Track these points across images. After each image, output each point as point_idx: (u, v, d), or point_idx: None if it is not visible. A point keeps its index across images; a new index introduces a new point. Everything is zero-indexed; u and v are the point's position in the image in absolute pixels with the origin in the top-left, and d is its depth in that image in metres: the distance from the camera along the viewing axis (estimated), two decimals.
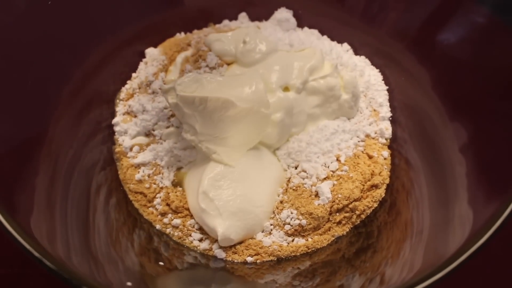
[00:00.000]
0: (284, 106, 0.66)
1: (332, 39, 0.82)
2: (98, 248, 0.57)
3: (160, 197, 0.67)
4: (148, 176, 0.68)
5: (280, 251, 0.64)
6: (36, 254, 0.44)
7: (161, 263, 0.61)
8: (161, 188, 0.68)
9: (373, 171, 0.68)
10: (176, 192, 0.67)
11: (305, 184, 0.66)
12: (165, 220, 0.66)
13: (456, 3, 0.68)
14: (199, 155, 0.67)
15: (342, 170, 0.67)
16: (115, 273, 0.56)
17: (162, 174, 0.68)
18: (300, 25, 0.84)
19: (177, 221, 0.65)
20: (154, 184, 0.68)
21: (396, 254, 0.60)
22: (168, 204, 0.66)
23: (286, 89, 0.69)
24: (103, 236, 0.60)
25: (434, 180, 0.64)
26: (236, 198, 0.62)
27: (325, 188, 0.64)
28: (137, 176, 0.68)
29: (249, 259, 0.63)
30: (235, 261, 0.63)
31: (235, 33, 0.76)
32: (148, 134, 0.72)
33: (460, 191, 0.58)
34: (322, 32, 0.83)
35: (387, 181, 0.69)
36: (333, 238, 0.65)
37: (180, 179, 0.68)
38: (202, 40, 0.77)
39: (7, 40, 0.60)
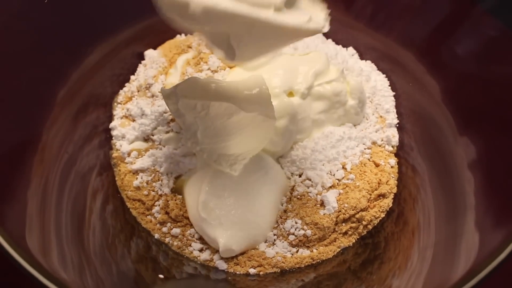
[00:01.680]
0: (289, 112, 0.64)
1: (337, 42, 0.81)
2: (92, 249, 0.56)
3: (159, 205, 0.65)
4: (147, 182, 0.66)
5: (284, 263, 0.62)
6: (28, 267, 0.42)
7: (160, 276, 0.59)
8: (160, 195, 0.65)
9: (380, 179, 0.66)
10: (175, 200, 0.65)
11: (310, 192, 0.64)
12: (164, 229, 0.64)
13: (466, 15, 0.66)
14: (200, 163, 0.65)
15: (348, 179, 0.65)
16: (108, 276, 0.55)
17: (161, 181, 0.66)
18: None
19: (176, 230, 0.63)
20: (153, 191, 0.65)
21: (404, 265, 0.58)
22: (167, 213, 0.64)
23: (290, 94, 0.66)
24: (98, 238, 0.59)
25: (441, 190, 0.62)
26: (238, 207, 0.61)
27: (331, 197, 0.62)
28: (135, 182, 0.66)
29: (251, 270, 0.61)
30: (237, 272, 0.61)
31: None
32: (147, 139, 0.69)
33: (468, 207, 0.56)
34: (327, 36, 0.81)
35: (395, 190, 0.67)
36: (339, 249, 0.64)
37: (179, 187, 0.66)
38: (203, 42, 0.75)
39: (0, 40, 0.58)
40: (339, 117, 0.69)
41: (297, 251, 0.63)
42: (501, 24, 0.63)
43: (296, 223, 0.62)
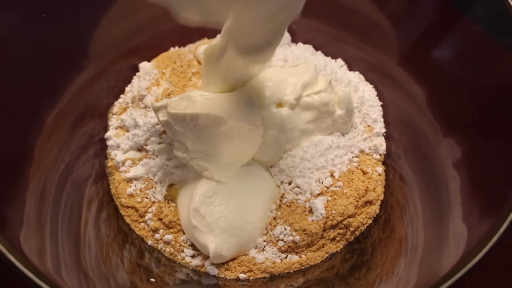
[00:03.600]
0: (278, 122, 0.66)
1: (326, 54, 0.82)
2: (89, 264, 0.57)
3: (152, 212, 0.66)
4: (140, 190, 0.67)
5: (273, 268, 0.63)
6: (26, 272, 0.44)
7: (152, 280, 0.60)
8: (153, 202, 0.67)
9: (367, 187, 0.67)
10: (169, 207, 0.66)
11: (299, 200, 0.65)
12: (157, 235, 0.65)
13: (451, 22, 0.68)
14: (191, 173, 0.66)
15: (336, 186, 0.66)
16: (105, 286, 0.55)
17: (155, 188, 0.68)
18: (294, 40, 0.84)
19: (169, 236, 0.65)
20: (146, 198, 0.67)
21: (391, 271, 0.59)
22: (160, 219, 0.66)
23: (279, 105, 0.68)
24: (93, 252, 0.59)
25: (428, 196, 0.64)
26: (228, 214, 0.62)
27: (319, 204, 0.64)
28: (129, 190, 0.67)
29: (241, 276, 0.62)
30: (228, 278, 0.63)
31: None
32: (140, 149, 0.71)
33: (454, 208, 0.58)
34: (316, 48, 0.83)
35: (382, 197, 0.69)
36: (327, 255, 0.65)
37: (173, 196, 0.68)
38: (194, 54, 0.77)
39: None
40: (327, 126, 0.71)
41: (286, 257, 0.64)
42: (485, 32, 0.65)
43: (285, 229, 0.64)
